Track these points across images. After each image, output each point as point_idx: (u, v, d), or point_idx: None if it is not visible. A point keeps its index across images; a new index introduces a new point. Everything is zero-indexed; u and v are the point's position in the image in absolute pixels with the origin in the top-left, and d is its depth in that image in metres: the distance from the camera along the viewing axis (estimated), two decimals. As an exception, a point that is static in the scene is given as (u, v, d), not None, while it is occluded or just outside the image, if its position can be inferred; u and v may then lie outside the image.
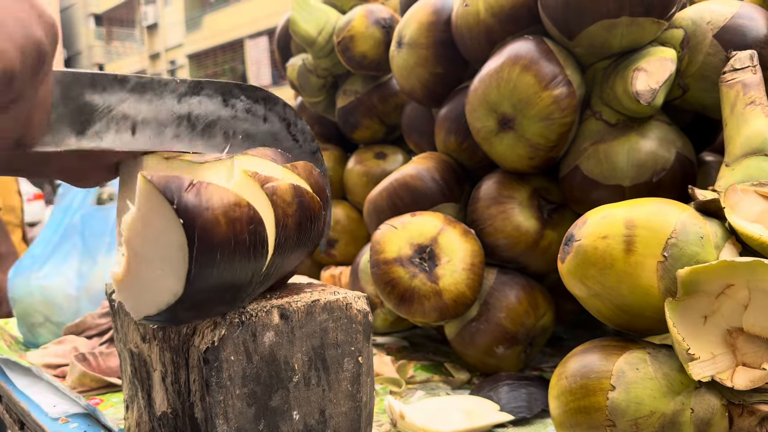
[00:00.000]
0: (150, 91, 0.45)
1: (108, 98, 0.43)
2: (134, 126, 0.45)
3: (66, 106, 0.41)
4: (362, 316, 0.52)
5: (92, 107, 0.42)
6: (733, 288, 0.50)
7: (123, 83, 0.44)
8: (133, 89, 0.44)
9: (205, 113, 0.48)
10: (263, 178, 0.42)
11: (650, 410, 0.50)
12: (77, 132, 0.42)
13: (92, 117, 0.42)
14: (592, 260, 0.54)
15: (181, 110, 0.47)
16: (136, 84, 0.44)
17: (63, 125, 0.41)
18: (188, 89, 0.48)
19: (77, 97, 0.41)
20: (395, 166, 1.16)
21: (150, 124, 0.45)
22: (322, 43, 1.18)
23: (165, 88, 0.46)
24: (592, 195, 0.77)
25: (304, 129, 0.57)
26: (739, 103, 0.63)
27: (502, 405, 0.69)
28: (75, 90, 0.41)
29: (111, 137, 0.44)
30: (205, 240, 0.37)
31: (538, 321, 0.82)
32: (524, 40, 0.77)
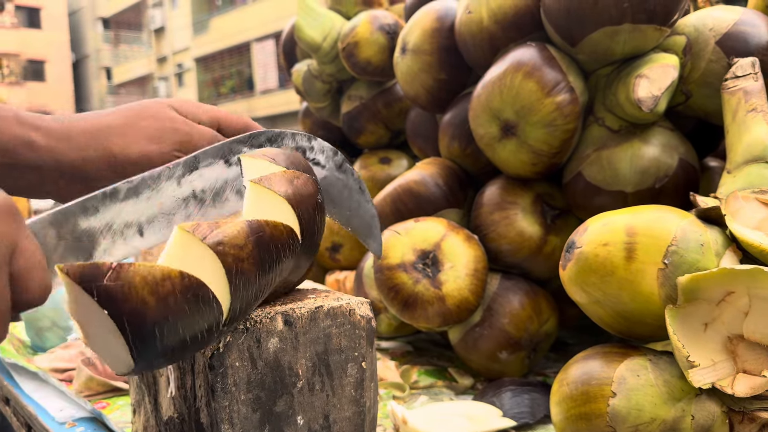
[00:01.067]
0: (145, 189, 0.44)
1: (104, 216, 0.42)
2: (141, 228, 0.44)
3: (66, 243, 0.40)
4: (365, 322, 0.52)
5: (91, 232, 0.42)
6: (734, 295, 0.50)
7: (114, 196, 0.43)
8: (126, 197, 0.44)
9: (210, 184, 0.47)
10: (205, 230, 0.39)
11: (651, 417, 0.51)
12: (85, 259, 0.41)
13: (95, 240, 0.42)
14: (593, 267, 0.55)
15: (184, 192, 0.47)
16: (128, 190, 0.44)
17: (69, 260, 0.41)
18: (184, 168, 0.46)
19: (73, 229, 0.41)
20: (400, 171, 1.16)
21: (156, 220, 0.45)
22: (326, 49, 1.19)
23: (159, 179, 0.45)
24: (594, 201, 0.78)
25: (322, 148, 0.55)
26: (740, 110, 0.64)
27: (505, 410, 0.69)
28: (68, 224, 0.41)
29: (120, 248, 0.43)
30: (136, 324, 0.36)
31: (542, 326, 0.82)
32: (527, 47, 0.77)
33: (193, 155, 0.47)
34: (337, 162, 0.56)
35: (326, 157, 0.56)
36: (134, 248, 0.44)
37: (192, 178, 0.47)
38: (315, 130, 1.38)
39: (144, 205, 0.44)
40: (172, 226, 0.45)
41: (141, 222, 0.44)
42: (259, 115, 16.74)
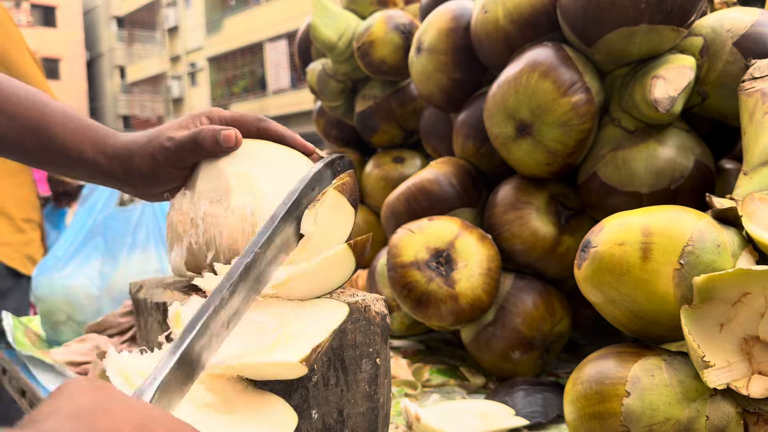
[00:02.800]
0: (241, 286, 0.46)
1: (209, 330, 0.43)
2: (228, 323, 0.45)
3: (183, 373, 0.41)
4: (380, 319, 0.52)
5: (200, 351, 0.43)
6: (750, 296, 0.50)
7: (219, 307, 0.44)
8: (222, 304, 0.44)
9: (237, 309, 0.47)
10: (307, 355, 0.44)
11: (665, 417, 0.50)
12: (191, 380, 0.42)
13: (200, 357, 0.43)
14: (609, 267, 0.55)
15: (257, 288, 0.48)
16: (228, 293, 0.44)
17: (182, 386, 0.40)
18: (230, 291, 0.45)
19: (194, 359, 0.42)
20: (413, 170, 1.16)
21: (239, 311, 0.46)
22: (341, 48, 1.19)
23: (246, 277, 0.46)
24: (609, 201, 0.77)
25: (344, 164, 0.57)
26: (758, 111, 0.63)
27: (518, 410, 0.70)
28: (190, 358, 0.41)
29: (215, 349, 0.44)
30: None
31: (555, 327, 0.82)
32: (543, 47, 0.77)
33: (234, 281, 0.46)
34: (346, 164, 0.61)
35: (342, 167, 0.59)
36: (220, 342, 0.45)
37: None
38: (329, 129, 1.38)
39: (235, 301, 0.46)
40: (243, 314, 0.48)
41: (230, 317, 0.45)
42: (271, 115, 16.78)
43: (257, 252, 0.47)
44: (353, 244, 0.51)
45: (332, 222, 0.53)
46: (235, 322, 0.46)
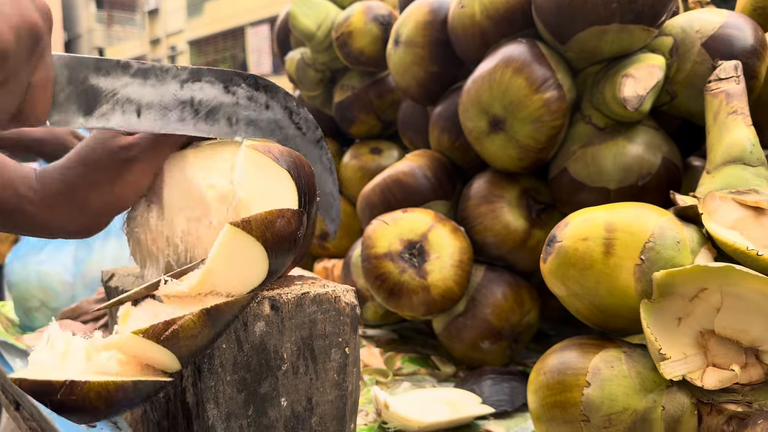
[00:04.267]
0: (152, 76, 0.47)
1: (112, 82, 0.45)
2: (139, 109, 0.47)
3: (73, 88, 0.44)
4: (350, 309, 0.54)
5: (98, 90, 0.45)
6: (707, 292, 0.52)
7: (126, 68, 0.46)
8: (135, 74, 0.46)
9: (208, 99, 0.50)
10: (159, 329, 0.41)
11: (623, 407, 0.52)
12: (84, 112, 0.45)
13: (98, 99, 0.45)
14: (573, 261, 0.56)
15: (184, 95, 0.49)
16: (138, 70, 0.47)
17: (71, 105, 0.44)
18: (190, 75, 0.49)
19: (83, 79, 0.44)
20: (390, 161, 1.17)
21: (154, 108, 0.48)
22: (320, 38, 1.19)
23: (167, 74, 0.48)
24: (579, 197, 0.79)
25: (306, 117, 0.58)
26: (722, 112, 0.65)
27: (485, 398, 0.71)
28: (81, 73, 0.44)
29: (117, 118, 0.46)
30: (88, 421, 0.40)
31: (524, 318, 0.84)
32: (517, 43, 0.79)
33: (198, 67, 0.50)
34: (317, 136, 0.59)
35: (307, 128, 0.58)
36: (128, 125, 0.47)
37: (194, 86, 0.49)
38: (307, 119, 1.38)
39: (148, 90, 0.47)
40: (166, 119, 0.48)
41: (141, 103, 0.47)
42: (252, 101, 16.58)
43: None
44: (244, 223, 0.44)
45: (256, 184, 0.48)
46: None
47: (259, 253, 0.46)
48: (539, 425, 0.58)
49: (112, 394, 0.39)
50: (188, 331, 0.43)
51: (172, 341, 0.42)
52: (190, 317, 0.43)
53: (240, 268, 0.46)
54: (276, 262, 0.47)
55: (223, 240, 0.44)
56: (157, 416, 0.56)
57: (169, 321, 0.42)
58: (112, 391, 0.39)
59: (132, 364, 0.41)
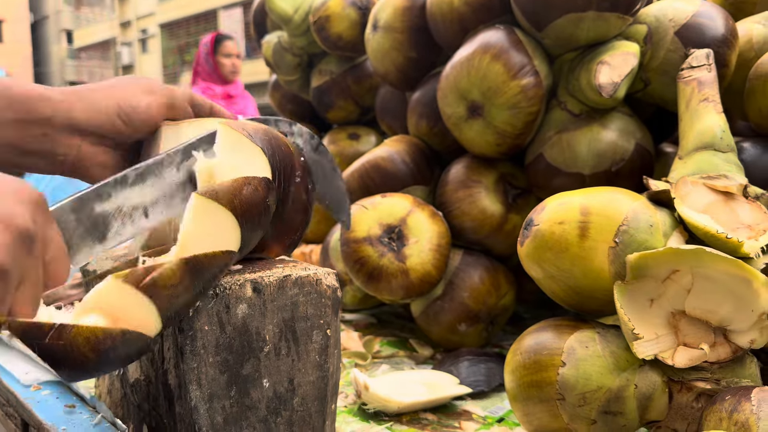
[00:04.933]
0: (150, 176, 0.49)
1: (116, 201, 0.47)
2: (146, 210, 0.48)
3: (83, 226, 0.45)
4: (331, 292, 0.54)
5: (105, 215, 0.46)
6: (678, 273, 0.54)
7: (123, 182, 0.47)
8: (134, 183, 0.48)
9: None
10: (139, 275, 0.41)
11: (597, 385, 0.54)
12: (100, 240, 0.46)
13: (108, 222, 0.46)
14: (549, 244, 0.57)
15: (182, 177, 0.50)
16: (136, 177, 0.48)
17: (86, 241, 0.45)
18: (183, 156, 0.50)
19: (89, 213, 0.45)
20: (368, 147, 1.18)
21: (159, 203, 0.49)
22: (298, 22, 1.19)
23: (161, 165, 0.49)
24: (554, 182, 0.81)
25: (302, 132, 0.60)
26: (693, 99, 0.67)
27: (462, 379, 0.73)
28: (86, 209, 0.45)
29: (129, 229, 0.47)
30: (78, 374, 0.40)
31: (500, 300, 0.85)
32: (495, 30, 0.79)
33: (187, 143, 0.51)
34: (314, 144, 0.61)
35: (304, 141, 0.60)
36: (140, 228, 0.48)
37: (189, 164, 0.50)
38: (284, 104, 1.38)
39: (149, 190, 0.49)
40: (173, 205, 0.50)
41: (146, 205, 0.48)
42: (225, 85, 16.39)
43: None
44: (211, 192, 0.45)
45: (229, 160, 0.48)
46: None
47: (229, 220, 0.46)
48: (516, 404, 0.59)
49: (100, 340, 0.39)
50: (168, 280, 0.42)
51: (152, 290, 0.42)
52: (170, 266, 0.42)
53: (212, 237, 0.46)
54: (247, 228, 0.47)
55: (193, 210, 0.45)
56: (138, 399, 0.57)
57: (149, 267, 0.42)
58: (100, 337, 0.39)
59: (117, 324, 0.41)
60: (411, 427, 0.65)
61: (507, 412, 0.69)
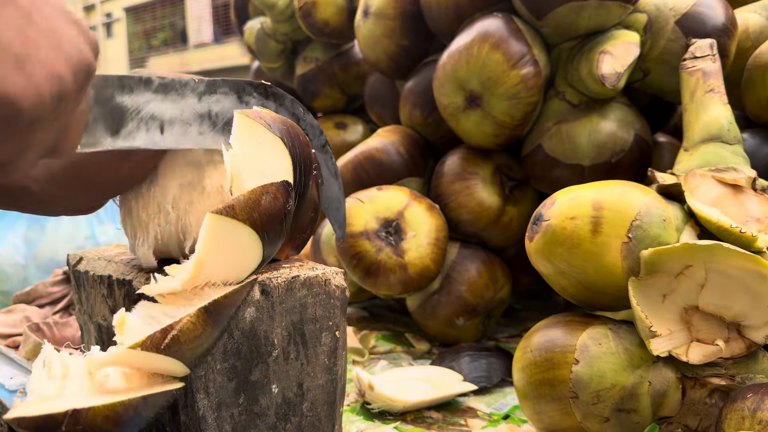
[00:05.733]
0: (173, 91, 0.47)
1: (136, 99, 0.45)
2: (162, 125, 0.46)
3: (100, 108, 0.43)
4: (340, 292, 0.52)
5: (123, 109, 0.44)
6: (692, 268, 0.53)
7: (148, 84, 0.45)
8: (157, 90, 0.46)
9: (224, 111, 0.50)
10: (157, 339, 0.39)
11: (611, 383, 0.53)
12: (112, 132, 0.44)
13: (124, 118, 0.44)
14: (561, 240, 0.56)
15: (202, 109, 0.49)
16: (160, 85, 0.46)
17: (98, 126, 0.43)
18: (206, 88, 0.49)
19: (109, 98, 0.43)
20: (356, 136, 1.15)
21: (176, 123, 0.47)
22: (282, 7, 1.15)
23: (186, 87, 0.48)
24: (553, 173, 0.79)
25: (312, 123, 0.58)
26: (698, 90, 0.66)
27: (465, 375, 0.72)
28: (107, 92, 0.43)
29: (142, 137, 0.45)
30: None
31: (497, 293, 0.84)
32: (493, 18, 0.78)
33: (213, 79, 0.49)
34: (321, 142, 0.59)
35: (313, 134, 0.57)
36: (152, 142, 0.46)
37: (211, 99, 0.49)
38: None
39: (169, 105, 0.47)
40: (187, 134, 0.48)
41: (164, 119, 0.46)
42: (192, 70, 16.14)
43: None
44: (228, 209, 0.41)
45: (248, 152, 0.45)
46: None
47: (250, 236, 0.43)
48: (526, 402, 0.58)
49: (121, 414, 0.36)
50: (189, 334, 0.40)
51: (173, 348, 0.39)
52: (189, 319, 0.40)
53: (232, 254, 0.43)
54: (269, 241, 0.45)
55: (209, 229, 0.42)
56: (137, 406, 0.54)
57: (167, 328, 0.39)
58: (120, 412, 0.36)
59: (138, 376, 0.39)
60: (417, 426, 0.64)
61: (512, 409, 0.68)
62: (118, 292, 0.52)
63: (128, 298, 0.51)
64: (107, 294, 0.54)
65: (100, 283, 0.55)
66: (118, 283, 0.52)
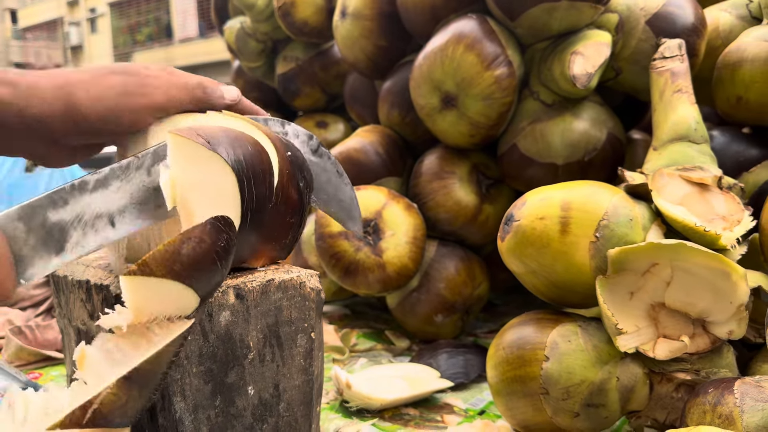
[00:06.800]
0: (114, 180, 0.43)
1: (74, 208, 0.42)
2: (112, 219, 0.43)
3: (36, 236, 0.40)
4: (315, 294, 0.53)
5: (62, 224, 0.41)
6: (658, 266, 0.54)
7: (82, 188, 0.42)
8: (95, 188, 0.43)
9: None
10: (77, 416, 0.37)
11: (580, 379, 0.55)
12: (57, 251, 0.41)
13: (66, 232, 0.41)
14: (530, 240, 0.58)
15: (154, 181, 0.45)
16: (97, 182, 0.43)
17: (41, 253, 0.40)
18: (153, 158, 0.45)
19: (43, 222, 0.40)
20: (337, 135, 1.16)
21: (128, 210, 0.44)
22: (261, 7, 1.16)
23: (128, 170, 0.44)
24: (527, 172, 0.81)
25: (297, 132, 0.55)
26: (667, 90, 0.67)
27: (442, 372, 0.73)
28: (38, 218, 0.40)
29: (92, 239, 0.42)
30: None
31: (475, 290, 0.86)
32: (468, 19, 0.79)
33: (157, 146, 0.45)
34: (313, 147, 0.56)
35: (301, 142, 0.55)
36: (106, 239, 0.43)
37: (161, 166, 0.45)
38: (248, 91, 1.35)
39: (114, 196, 0.43)
40: (144, 213, 0.44)
41: (112, 212, 0.43)
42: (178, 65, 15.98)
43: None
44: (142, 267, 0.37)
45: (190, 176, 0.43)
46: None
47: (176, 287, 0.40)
48: (499, 399, 0.60)
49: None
50: (112, 405, 0.38)
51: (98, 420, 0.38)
52: (110, 391, 0.38)
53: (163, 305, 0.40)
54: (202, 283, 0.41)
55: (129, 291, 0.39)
56: (116, 409, 0.55)
57: (86, 404, 0.37)
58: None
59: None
60: (394, 422, 0.65)
61: (487, 404, 0.69)
62: (96, 297, 0.53)
63: (106, 303, 0.52)
64: (86, 299, 0.55)
65: (79, 288, 0.56)
66: (96, 288, 0.53)
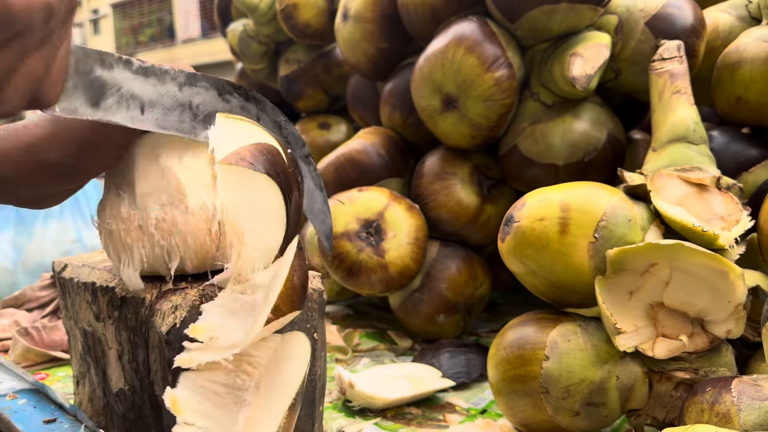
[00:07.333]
0: (153, 75, 0.47)
1: (116, 76, 0.44)
2: (142, 106, 0.46)
3: (79, 78, 0.42)
4: (317, 295, 0.54)
5: (103, 83, 0.44)
6: (657, 267, 0.55)
7: (128, 65, 0.45)
8: (137, 71, 0.46)
9: (205, 103, 0.50)
10: None
11: (580, 378, 0.55)
12: (91, 103, 0.43)
13: (104, 92, 0.44)
14: (530, 241, 0.58)
15: (183, 98, 0.48)
16: (140, 67, 0.46)
17: (78, 94, 0.43)
18: (186, 79, 0.49)
19: (89, 70, 0.43)
20: (339, 136, 1.17)
21: (156, 106, 0.47)
22: (264, 9, 1.16)
23: (166, 75, 0.47)
24: (528, 172, 0.81)
25: (293, 133, 0.57)
26: (666, 91, 0.68)
27: (444, 371, 0.73)
28: (87, 63, 0.43)
29: (122, 113, 0.45)
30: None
31: (477, 290, 0.86)
32: (468, 21, 0.79)
33: (193, 72, 0.49)
34: (304, 153, 0.58)
35: (296, 143, 0.57)
36: (132, 120, 0.46)
37: (191, 90, 0.49)
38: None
39: (150, 88, 0.47)
40: (167, 119, 0.48)
41: (144, 100, 0.46)
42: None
43: None
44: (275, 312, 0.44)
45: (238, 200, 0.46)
46: None
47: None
48: (500, 398, 0.60)
49: None
50: None
51: None
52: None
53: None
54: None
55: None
56: (123, 408, 0.56)
57: None
58: None
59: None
60: (396, 422, 0.66)
61: (489, 403, 0.70)
62: (101, 299, 0.54)
63: (111, 305, 0.53)
64: (91, 300, 0.56)
65: (85, 290, 0.57)
66: (102, 290, 0.53)
